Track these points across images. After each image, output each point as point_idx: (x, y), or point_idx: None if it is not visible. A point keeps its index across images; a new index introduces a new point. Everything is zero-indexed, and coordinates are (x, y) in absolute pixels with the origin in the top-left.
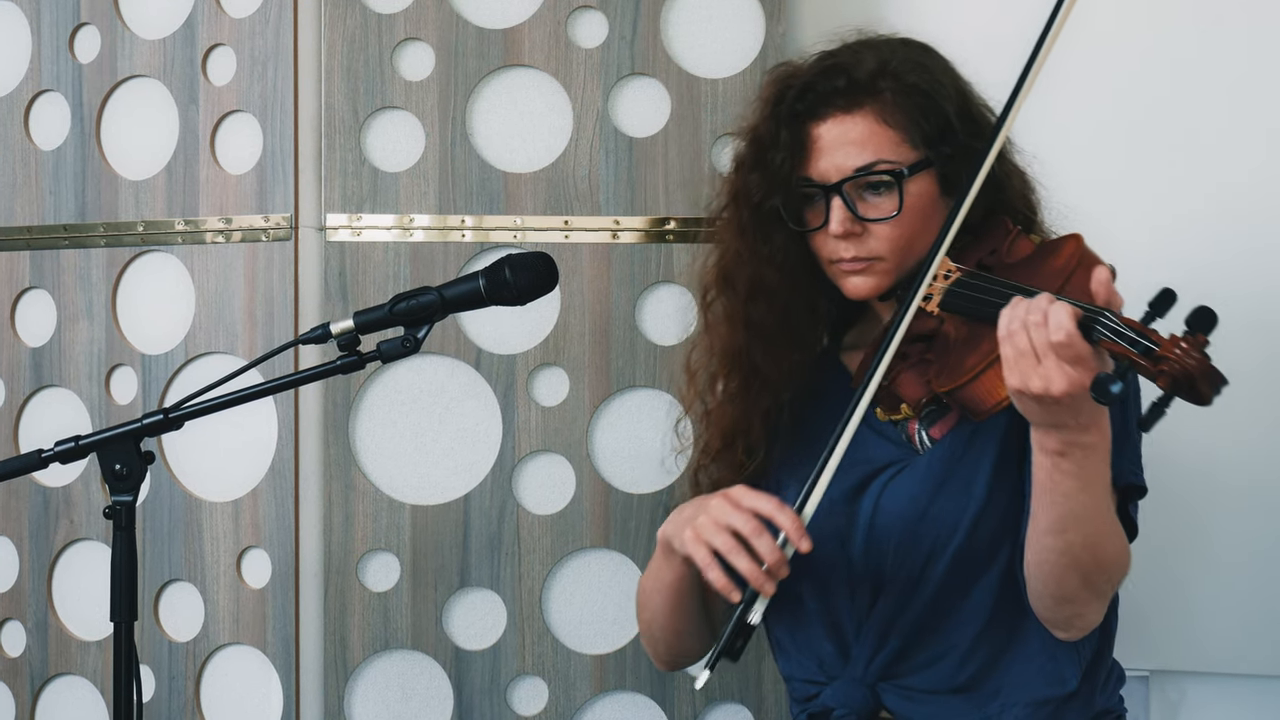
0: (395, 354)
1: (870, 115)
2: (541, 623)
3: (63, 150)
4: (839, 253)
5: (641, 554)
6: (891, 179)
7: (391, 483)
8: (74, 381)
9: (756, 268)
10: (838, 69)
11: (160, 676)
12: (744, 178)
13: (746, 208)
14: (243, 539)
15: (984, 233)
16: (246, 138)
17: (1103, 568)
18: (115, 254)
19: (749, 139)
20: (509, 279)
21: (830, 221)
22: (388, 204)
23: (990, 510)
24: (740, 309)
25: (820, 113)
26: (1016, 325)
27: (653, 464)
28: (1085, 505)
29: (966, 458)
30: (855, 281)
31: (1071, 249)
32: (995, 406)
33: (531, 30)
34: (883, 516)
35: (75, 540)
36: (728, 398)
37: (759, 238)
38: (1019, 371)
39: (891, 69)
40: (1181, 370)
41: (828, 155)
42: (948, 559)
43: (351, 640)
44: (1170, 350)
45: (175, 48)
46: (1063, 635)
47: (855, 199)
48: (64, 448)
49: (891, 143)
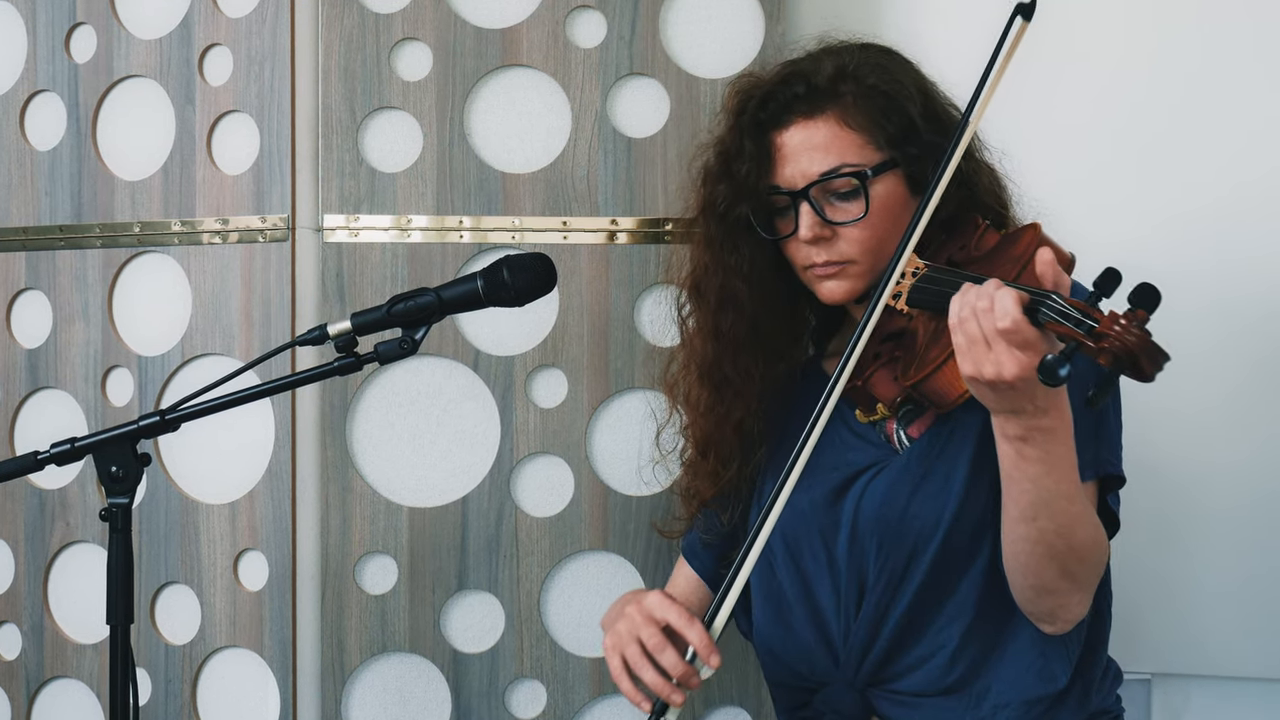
0: (393, 355)
1: (832, 119)
2: (540, 625)
3: (58, 151)
4: (811, 258)
5: (640, 556)
6: (856, 181)
7: (389, 485)
8: (70, 383)
9: (725, 278)
10: (797, 76)
11: (157, 680)
12: (711, 189)
13: (714, 219)
14: (239, 541)
15: (955, 230)
16: (243, 138)
17: (1078, 554)
18: (111, 255)
19: (715, 150)
20: (507, 280)
21: (799, 228)
22: (385, 205)
23: (969, 506)
24: (710, 320)
25: (783, 120)
26: (966, 312)
27: (651, 465)
28: (1052, 489)
29: (944, 455)
30: (829, 286)
31: (1030, 237)
32: (960, 397)
33: (530, 30)
34: (864, 517)
35: (71, 543)
36: (703, 409)
37: (726, 248)
38: (971, 359)
39: (850, 72)
40: (1122, 347)
41: (792, 162)
42: (930, 556)
43: (349, 643)
44: (1109, 327)
45: (171, 47)
46: (1049, 629)
47: (823, 204)
48: (60, 450)
49: (855, 145)
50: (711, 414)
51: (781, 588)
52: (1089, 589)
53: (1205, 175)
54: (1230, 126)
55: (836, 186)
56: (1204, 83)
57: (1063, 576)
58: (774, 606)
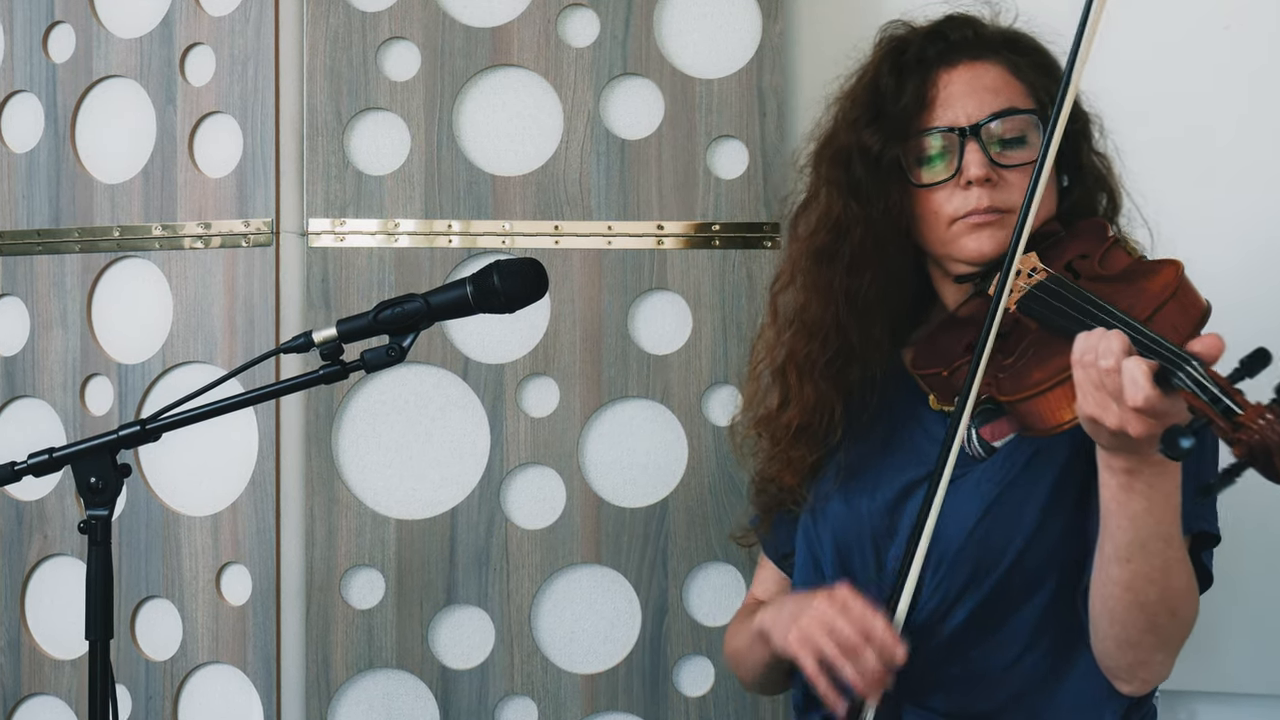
0: (380, 363)
1: (1001, 66)
2: (530, 641)
3: (36, 153)
4: (971, 203)
5: (634, 570)
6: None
7: (376, 496)
8: (48, 392)
9: (865, 233)
10: (965, 21)
11: (137, 696)
12: (857, 135)
13: (861, 163)
14: (222, 554)
15: (1078, 231)
16: (226, 140)
17: (1169, 606)
18: (90, 260)
19: (860, 93)
20: (497, 286)
21: (967, 167)
22: (372, 208)
23: (1040, 540)
24: (840, 279)
25: (950, 59)
26: (1091, 358)
27: (645, 477)
28: (1152, 530)
29: (1021, 480)
30: (982, 237)
31: (1169, 276)
32: (1056, 428)
33: (520, 29)
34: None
35: (49, 556)
36: (816, 373)
37: (874, 196)
38: (1095, 401)
39: (1012, 35)
40: (1261, 443)
41: (959, 101)
42: (990, 586)
43: (334, 659)
44: (1253, 419)
45: (152, 47)
46: (1126, 688)
47: (989, 147)
48: (37, 460)
49: (1022, 95)
50: (826, 377)
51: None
52: (1173, 649)
53: None
54: None
55: (1003, 131)
56: None
57: (1149, 629)
58: None
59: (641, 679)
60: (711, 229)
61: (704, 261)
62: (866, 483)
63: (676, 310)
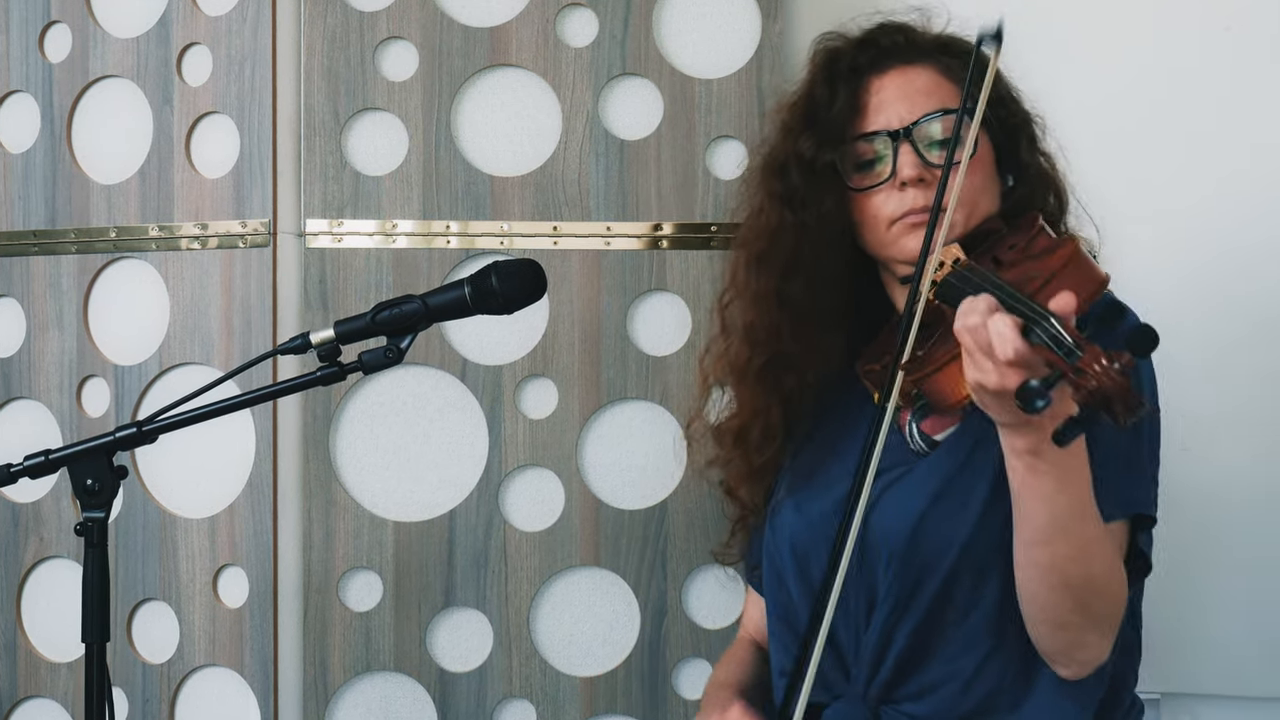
0: (377, 364)
1: (933, 69)
2: (529, 644)
3: (32, 153)
4: (907, 204)
5: (633, 572)
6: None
7: (373, 498)
8: (44, 393)
9: (798, 239)
10: (897, 29)
11: (134, 699)
12: (794, 141)
13: (797, 170)
14: (219, 557)
15: (1017, 226)
16: (223, 140)
17: (1095, 587)
18: (87, 261)
19: (797, 104)
20: (495, 287)
21: (901, 169)
22: (369, 209)
23: (984, 531)
24: (774, 285)
25: (881, 65)
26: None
27: (645, 478)
28: (1065, 509)
29: (964, 472)
30: (920, 237)
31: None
32: (958, 403)
33: (519, 28)
34: (875, 531)
35: (45, 558)
36: (751, 378)
37: (808, 203)
38: (975, 365)
39: (945, 39)
40: (1098, 387)
41: (891, 106)
42: (939, 579)
43: (332, 662)
44: (1091, 364)
45: (149, 47)
46: (1065, 672)
47: (922, 149)
48: (33, 462)
49: (954, 96)
50: (761, 383)
51: (792, 598)
52: (1108, 629)
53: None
54: None
55: (935, 132)
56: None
57: (1078, 610)
58: (785, 614)
59: (640, 681)
60: (710, 230)
61: (703, 262)
62: (818, 487)
63: (675, 311)
